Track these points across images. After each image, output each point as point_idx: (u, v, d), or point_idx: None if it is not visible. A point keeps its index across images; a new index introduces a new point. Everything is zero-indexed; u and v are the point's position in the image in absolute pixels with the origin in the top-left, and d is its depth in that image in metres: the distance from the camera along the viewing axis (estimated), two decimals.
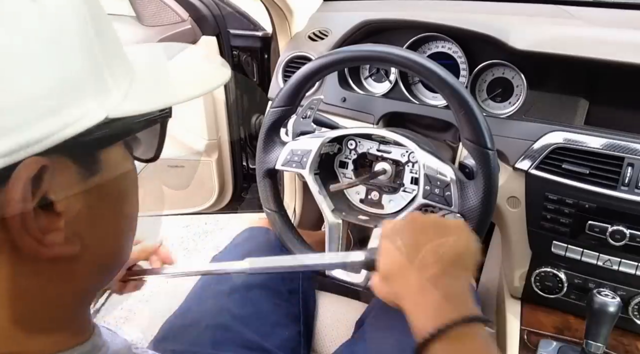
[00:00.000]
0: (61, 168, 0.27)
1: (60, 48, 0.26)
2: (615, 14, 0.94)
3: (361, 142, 0.83)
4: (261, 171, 0.82)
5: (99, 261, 0.33)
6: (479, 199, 0.67)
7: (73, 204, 0.28)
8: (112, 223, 0.33)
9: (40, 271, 0.29)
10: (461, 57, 0.93)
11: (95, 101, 0.28)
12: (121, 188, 0.33)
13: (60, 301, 0.31)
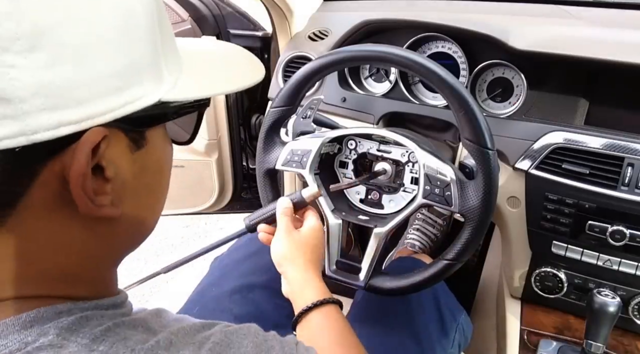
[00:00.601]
0: (115, 140, 0.31)
1: (131, 37, 0.31)
2: (615, 14, 0.94)
3: (361, 142, 0.83)
4: (261, 170, 0.82)
5: (133, 226, 0.37)
6: (479, 199, 0.67)
7: (120, 172, 0.32)
8: (149, 194, 0.37)
9: (87, 227, 0.32)
10: (461, 57, 0.93)
11: (152, 85, 0.32)
12: (160, 164, 0.38)
13: (98, 256, 0.35)
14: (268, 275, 0.87)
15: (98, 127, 0.29)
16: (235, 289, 0.83)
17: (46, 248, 0.31)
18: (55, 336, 0.29)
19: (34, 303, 0.31)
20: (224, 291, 0.83)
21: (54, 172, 0.29)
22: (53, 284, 0.32)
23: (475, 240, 0.69)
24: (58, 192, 0.29)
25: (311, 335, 0.57)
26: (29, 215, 0.29)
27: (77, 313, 0.32)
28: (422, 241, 1.22)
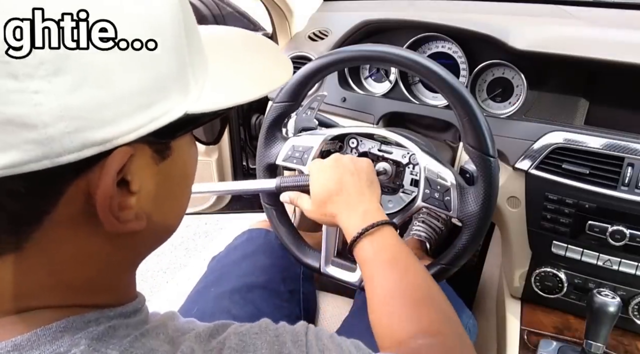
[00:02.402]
0: (140, 154, 0.31)
1: (156, 52, 0.29)
2: (615, 14, 0.94)
3: (363, 141, 0.83)
4: (261, 165, 0.81)
5: (157, 234, 0.37)
6: (478, 206, 0.67)
7: (144, 185, 0.32)
8: (173, 200, 0.37)
9: (110, 239, 0.32)
10: (461, 57, 0.93)
11: (178, 98, 0.31)
12: (185, 170, 0.37)
13: (121, 264, 0.36)
14: (267, 275, 0.87)
15: (124, 147, 0.28)
16: (234, 290, 0.83)
17: (71, 260, 0.31)
18: (86, 347, 0.30)
19: (61, 312, 0.31)
20: (223, 292, 0.83)
21: (79, 190, 0.29)
22: (78, 293, 0.33)
23: (472, 246, 0.69)
24: (83, 207, 0.29)
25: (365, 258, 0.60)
26: (54, 230, 0.29)
27: (104, 323, 0.32)
28: (428, 232, 1.22)
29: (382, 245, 0.59)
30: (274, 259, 0.91)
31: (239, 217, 1.52)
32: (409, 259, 0.58)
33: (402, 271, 0.57)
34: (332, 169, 0.66)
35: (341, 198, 0.64)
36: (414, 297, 0.54)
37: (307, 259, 0.79)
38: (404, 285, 0.55)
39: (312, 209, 0.67)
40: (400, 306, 0.53)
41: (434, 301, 0.55)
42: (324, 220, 0.68)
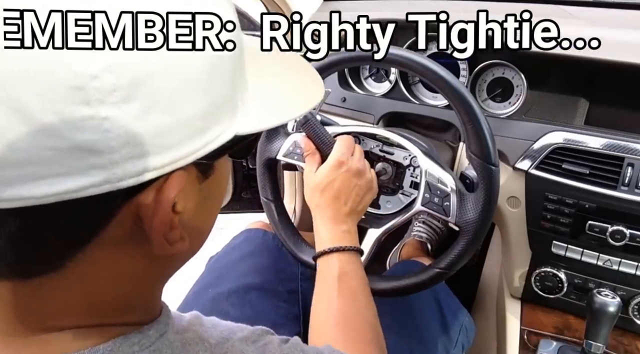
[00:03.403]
0: (188, 176, 0.31)
1: (216, 77, 0.30)
2: (615, 14, 0.94)
3: (365, 140, 0.83)
4: (262, 159, 0.81)
5: (192, 250, 0.37)
6: (477, 213, 0.67)
7: (189, 204, 0.32)
8: (209, 217, 0.38)
9: (150, 258, 0.32)
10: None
11: (228, 120, 0.31)
12: (222, 187, 0.38)
13: (155, 282, 0.36)
14: (265, 276, 0.87)
15: (180, 170, 0.29)
16: (231, 291, 0.83)
17: (109, 279, 0.31)
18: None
19: (101, 332, 0.31)
20: (221, 293, 0.82)
21: (129, 212, 0.29)
22: (111, 311, 0.33)
23: (469, 252, 0.69)
24: (130, 229, 0.29)
25: (324, 275, 0.62)
26: (99, 251, 0.29)
27: (147, 346, 0.33)
28: (428, 233, 1.22)
29: (350, 269, 0.62)
30: (271, 259, 0.91)
31: (238, 217, 1.52)
32: (368, 294, 0.62)
33: (360, 302, 0.60)
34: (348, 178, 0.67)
35: (333, 208, 0.66)
36: (365, 330, 0.57)
37: (303, 255, 0.79)
38: (358, 316, 0.58)
39: (308, 184, 0.68)
40: (349, 335, 0.56)
41: (380, 341, 0.58)
42: (307, 201, 0.69)
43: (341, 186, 0.66)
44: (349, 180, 0.66)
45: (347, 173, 0.67)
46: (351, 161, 0.68)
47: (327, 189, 0.66)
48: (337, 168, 0.66)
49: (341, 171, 0.66)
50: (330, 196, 0.66)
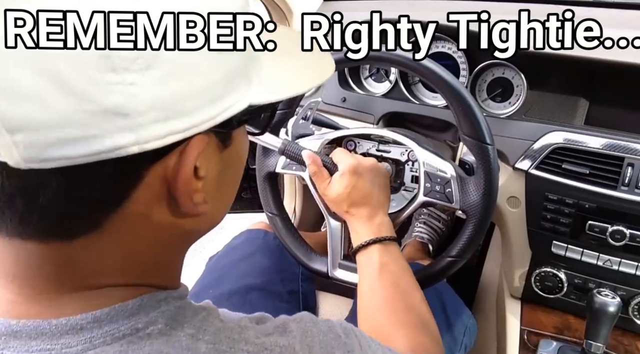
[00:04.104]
0: (209, 143, 0.33)
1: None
2: (615, 14, 0.94)
3: (360, 142, 0.83)
4: (261, 174, 0.82)
5: (212, 219, 0.40)
6: (480, 195, 0.67)
7: (209, 171, 0.34)
8: (229, 187, 0.41)
9: (175, 221, 0.35)
10: (461, 57, 0.93)
11: (243, 89, 0.34)
12: (241, 158, 0.40)
13: (179, 248, 0.39)
14: (265, 276, 0.87)
15: (200, 134, 0.31)
16: (232, 292, 0.83)
17: (141, 240, 0.34)
18: (164, 325, 0.32)
19: (133, 290, 0.34)
20: (222, 293, 0.82)
21: (157, 175, 0.31)
22: (144, 273, 0.35)
23: (478, 236, 0.69)
24: (158, 192, 0.32)
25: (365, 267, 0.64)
26: (131, 213, 0.32)
27: (172, 302, 0.35)
28: (430, 233, 1.22)
29: (389, 258, 0.63)
30: (272, 259, 0.91)
31: (238, 217, 1.51)
32: (411, 279, 0.63)
33: (403, 288, 0.61)
34: (367, 177, 0.68)
35: (365, 207, 0.67)
36: (411, 315, 0.58)
37: (314, 265, 0.79)
38: (404, 302, 0.59)
39: (330, 195, 0.69)
40: (397, 321, 0.57)
41: (428, 324, 0.59)
42: (335, 210, 0.71)
43: (365, 186, 0.68)
44: (369, 179, 0.68)
45: (365, 173, 0.68)
46: (362, 161, 0.69)
47: (352, 195, 0.67)
48: (353, 172, 0.68)
49: (359, 172, 0.68)
50: (359, 200, 0.67)
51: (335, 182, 0.68)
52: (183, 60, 0.29)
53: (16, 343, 0.30)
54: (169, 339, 0.31)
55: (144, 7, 0.28)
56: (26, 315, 0.31)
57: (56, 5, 0.26)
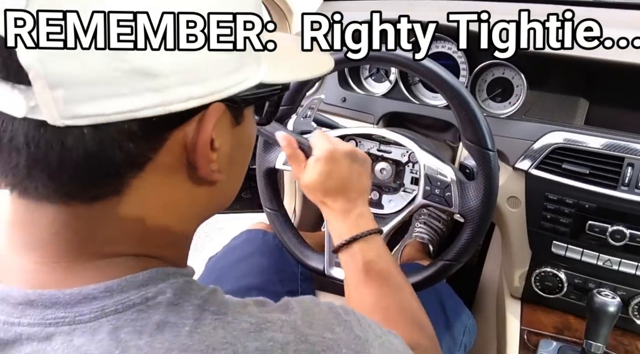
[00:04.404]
0: (223, 116, 0.35)
1: None
2: (615, 14, 0.94)
3: (361, 142, 0.83)
4: (261, 170, 0.82)
5: (224, 193, 0.42)
6: (480, 200, 0.67)
7: (223, 144, 0.36)
8: (240, 165, 0.43)
9: (191, 190, 0.37)
10: (461, 57, 0.93)
11: (255, 67, 0.36)
12: (250, 139, 0.42)
13: (192, 222, 0.40)
14: (265, 277, 0.87)
15: (217, 102, 0.33)
16: (231, 292, 0.82)
17: (159, 209, 0.35)
18: (172, 295, 0.33)
19: (145, 262, 0.35)
20: None
21: (177, 140, 0.33)
22: (159, 245, 0.37)
23: (475, 241, 0.69)
24: (178, 158, 0.34)
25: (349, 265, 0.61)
26: (152, 178, 0.33)
27: (181, 277, 0.36)
28: (430, 234, 1.22)
29: (373, 255, 0.60)
30: (271, 259, 0.91)
31: (238, 218, 1.52)
32: (398, 274, 0.60)
33: (391, 285, 0.59)
34: (344, 163, 0.63)
35: (341, 198, 0.63)
36: (402, 312, 0.57)
37: (311, 262, 0.79)
38: (393, 300, 0.58)
39: (304, 181, 0.64)
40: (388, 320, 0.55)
41: (421, 319, 0.57)
42: (310, 198, 0.66)
43: (341, 173, 0.63)
44: (346, 165, 0.63)
45: (342, 159, 0.63)
46: (338, 145, 0.64)
47: (327, 183, 0.63)
48: (329, 158, 0.63)
49: (335, 158, 0.63)
50: (335, 188, 0.63)
51: (309, 168, 0.63)
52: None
53: (32, 312, 0.31)
54: (177, 308, 0.32)
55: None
56: (43, 285, 0.32)
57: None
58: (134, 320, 0.31)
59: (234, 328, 0.32)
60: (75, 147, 0.29)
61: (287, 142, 0.65)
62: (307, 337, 0.34)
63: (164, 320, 0.31)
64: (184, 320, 0.32)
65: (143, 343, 0.30)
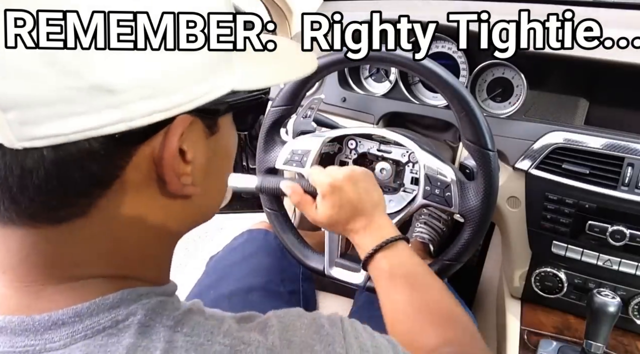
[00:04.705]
0: (194, 126, 0.34)
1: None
2: (615, 14, 0.94)
3: (361, 142, 0.83)
4: (261, 170, 0.82)
5: (202, 207, 0.40)
6: (480, 200, 0.67)
7: (197, 156, 0.35)
8: (218, 176, 0.41)
9: (164, 207, 0.36)
10: (461, 57, 0.93)
11: (225, 75, 0.35)
12: (228, 149, 0.41)
13: (168, 238, 0.39)
14: (266, 277, 0.87)
15: (184, 114, 0.32)
16: (233, 292, 0.83)
17: (129, 228, 0.34)
18: (143, 316, 0.32)
19: (116, 283, 0.34)
20: (222, 294, 0.82)
21: (144, 156, 0.32)
22: (130, 264, 0.36)
23: (475, 241, 0.69)
24: (146, 174, 0.33)
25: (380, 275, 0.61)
26: (120, 196, 0.32)
27: (154, 297, 0.35)
28: (430, 234, 1.22)
29: (398, 261, 0.61)
30: (273, 259, 0.91)
31: (238, 217, 1.52)
32: (426, 274, 0.60)
33: (420, 286, 0.59)
34: (348, 188, 0.64)
35: (360, 218, 0.64)
36: (434, 311, 0.56)
37: (310, 262, 0.79)
38: (423, 300, 0.57)
39: (321, 222, 0.66)
40: (422, 321, 0.55)
41: (454, 314, 0.56)
42: (337, 232, 0.69)
43: (349, 199, 0.64)
44: (351, 190, 0.64)
45: (345, 186, 0.64)
46: (336, 175, 0.65)
47: (341, 213, 0.64)
48: (332, 191, 0.64)
49: (338, 187, 0.64)
50: (350, 214, 0.64)
51: (320, 207, 0.65)
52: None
53: (1, 339, 0.31)
54: (148, 330, 0.32)
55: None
56: (13, 310, 0.32)
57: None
58: (103, 346, 0.30)
59: (206, 350, 0.32)
60: (35, 169, 0.28)
61: (292, 190, 0.68)
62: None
63: (134, 344, 0.31)
64: (155, 343, 0.31)
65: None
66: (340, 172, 0.65)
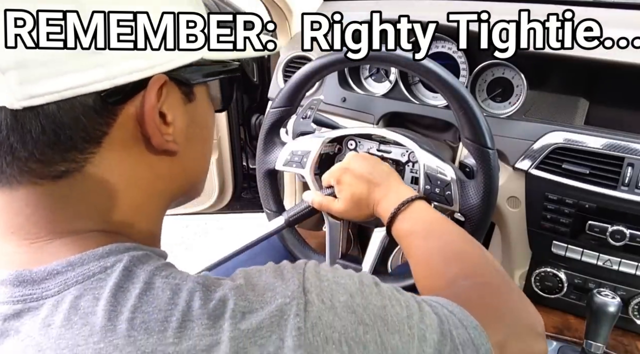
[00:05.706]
0: (172, 91, 0.37)
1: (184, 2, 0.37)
2: (615, 14, 0.94)
3: (361, 142, 0.83)
4: (261, 171, 0.82)
5: (187, 170, 0.43)
6: (480, 198, 0.67)
7: (176, 120, 0.38)
8: (198, 142, 0.44)
9: (151, 165, 0.39)
10: (461, 57, 0.93)
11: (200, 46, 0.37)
12: (205, 119, 0.44)
13: (158, 200, 0.42)
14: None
15: (160, 74, 0.35)
16: None
17: (122, 183, 0.37)
18: (128, 262, 0.34)
19: (111, 237, 0.36)
20: None
21: (129, 115, 0.35)
22: (124, 222, 0.38)
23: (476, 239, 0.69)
24: (132, 132, 0.36)
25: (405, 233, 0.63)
26: (110, 153, 0.35)
27: (142, 250, 0.37)
28: None
29: (417, 217, 0.63)
30: (276, 259, 0.91)
31: (238, 217, 1.52)
32: (444, 225, 0.61)
33: (438, 232, 0.60)
34: (355, 170, 0.68)
35: (376, 189, 0.67)
36: (452, 250, 0.57)
37: None
38: (442, 242, 0.59)
39: (347, 209, 0.69)
40: (439, 262, 0.56)
41: (472, 251, 0.57)
42: (361, 216, 0.70)
43: (361, 174, 0.68)
44: (358, 166, 0.69)
45: (352, 164, 0.69)
46: (341, 162, 0.71)
47: (359, 188, 0.67)
48: (344, 173, 0.69)
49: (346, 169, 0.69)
50: (365, 188, 0.67)
51: (339, 195, 0.70)
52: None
53: (3, 290, 0.33)
54: (130, 274, 0.34)
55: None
56: (18, 266, 0.34)
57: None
58: (93, 288, 0.33)
59: (181, 288, 0.34)
60: (34, 126, 0.31)
61: (311, 198, 0.73)
62: (247, 296, 0.34)
63: (117, 284, 0.33)
64: (135, 285, 0.33)
65: (99, 309, 0.31)
66: (337, 167, 0.71)
